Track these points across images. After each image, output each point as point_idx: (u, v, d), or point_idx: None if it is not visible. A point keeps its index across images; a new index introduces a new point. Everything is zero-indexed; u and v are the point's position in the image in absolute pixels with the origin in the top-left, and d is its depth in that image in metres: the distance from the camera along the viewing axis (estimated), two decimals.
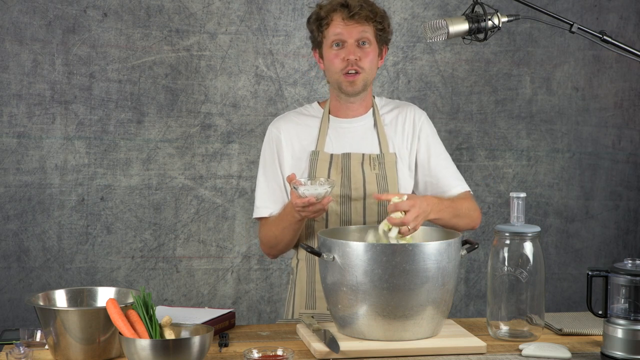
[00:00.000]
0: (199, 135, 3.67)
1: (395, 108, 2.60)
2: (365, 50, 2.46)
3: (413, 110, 2.60)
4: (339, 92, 2.52)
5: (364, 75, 2.48)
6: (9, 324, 3.56)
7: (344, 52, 2.46)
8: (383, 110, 2.59)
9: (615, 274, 2.03)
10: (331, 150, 2.53)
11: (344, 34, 2.45)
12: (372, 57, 2.48)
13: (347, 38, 2.45)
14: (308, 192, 2.25)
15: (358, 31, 2.45)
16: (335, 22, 2.46)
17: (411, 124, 2.57)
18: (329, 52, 2.48)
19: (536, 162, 3.92)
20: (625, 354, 2.00)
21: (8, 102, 3.54)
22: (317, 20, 2.49)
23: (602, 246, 3.99)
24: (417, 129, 2.57)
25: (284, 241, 2.50)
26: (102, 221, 3.63)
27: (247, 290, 3.75)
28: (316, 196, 2.24)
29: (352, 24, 2.44)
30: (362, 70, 2.47)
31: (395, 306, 2.08)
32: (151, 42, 3.61)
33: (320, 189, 2.25)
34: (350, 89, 2.49)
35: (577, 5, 3.87)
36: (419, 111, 2.60)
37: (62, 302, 2.14)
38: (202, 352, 1.91)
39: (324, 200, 2.26)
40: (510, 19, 2.31)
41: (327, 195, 2.26)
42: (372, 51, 2.47)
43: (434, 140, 2.58)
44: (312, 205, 2.26)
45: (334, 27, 2.46)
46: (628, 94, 3.96)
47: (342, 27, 2.45)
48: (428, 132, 2.58)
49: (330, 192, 2.27)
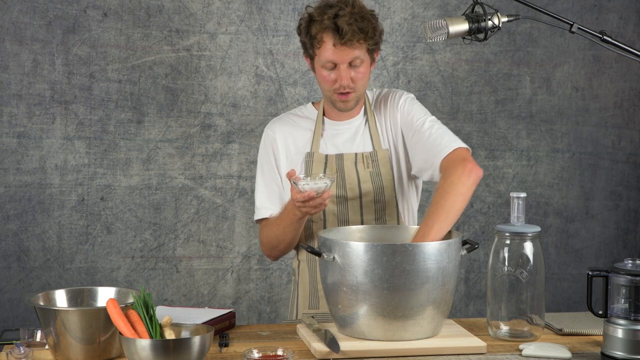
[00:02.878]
0: (199, 135, 3.67)
1: (378, 98, 2.58)
2: (357, 70, 2.42)
3: (392, 92, 2.57)
4: (332, 106, 2.52)
5: (357, 94, 2.47)
6: (9, 324, 3.56)
7: (335, 74, 2.42)
8: (373, 104, 2.58)
9: (616, 274, 2.03)
10: (325, 151, 2.53)
11: (336, 59, 2.40)
12: (365, 74, 2.45)
13: (339, 62, 2.41)
14: (308, 186, 2.24)
15: (350, 56, 2.40)
16: (326, 46, 2.40)
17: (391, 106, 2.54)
18: (321, 71, 2.45)
19: (536, 162, 3.92)
20: (625, 354, 2.00)
21: (8, 102, 3.54)
22: (308, 36, 2.43)
23: (602, 246, 3.99)
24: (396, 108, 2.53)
25: (285, 241, 2.50)
26: (102, 221, 3.63)
27: (247, 290, 3.76)
28: (316, 190, 2.24)
29: (344, 48, 2.39)
30: (355, 90, 2.45)
31: (395, 306, 2.08)
32: (151, 42, 3.61)
33: (320, 183, 2.24)
34: (343, 107, 2.49)
35: (577, 5, 3.87)
36: (397, 92, 2.56)
37: (62, 302, 2.14)
38: (202, 352, 1.91)
39: (324, 194, 2.24)
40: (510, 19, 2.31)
41: (327, 189, 2.25)
42: (364, 68, 2.44)
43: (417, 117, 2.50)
44: (312, 199, 2.24)
45: (325, 50, 2.40)
46: (628, 94, 3.96)
47: (333, 52, 2.39)
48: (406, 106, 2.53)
49: (330, 185, 2.26)
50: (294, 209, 2.35)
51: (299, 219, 2.39)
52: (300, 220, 2.41)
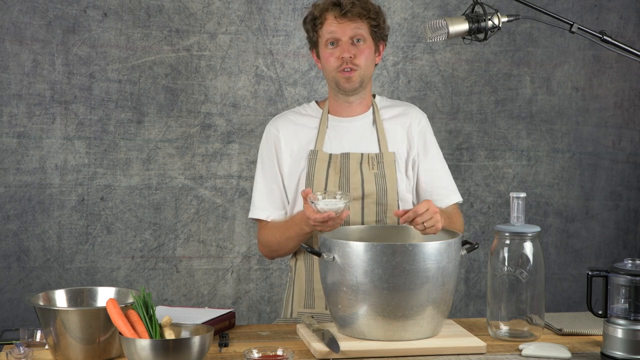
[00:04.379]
0: (199, 135, 3.67)
1: (396, 107, 2.60)
2: (359, 47, 2.46)
3: (414, 111, 2.60)
4: (337, 91, 2.52)
5: (360, 72, 2.48)
6: (9, 324, 3.56)
7: (338, 50, 2.46)
8: (383, 110, 2.58)
9: (615, 274, 2.03)
10: (330, 150, 2.53)
11: (338, 32, 2.45)
12: (368, 54, 2.48)
13: (341, 36, 2.45)
14: (328, 207, 2.21)
15: (351, 28, 2.45)
16: (328, 21, 2.46)
17: (411, 124, 2.57)
18: (324, 51, 2.49)
19: (536, 162, 3.92)
20: (625, 354, 2.00)
21: (8, 102, 3.54)
22: (311, 20, 2.50)
23: (602, 246, 3.99)
24: (417, 130, 2.57)
25: (287, 248, 2.51)
26: (102, 221, 3.63)
27: (247, 290, 3.76)
28: (335, 210, 2.22)
29: (345, 21, 2.45)
30: (358, 67, 2.47)
31: (395, 306, 2.08)
32: (151, 42, 3.61)
33: (340, 204, 2.21)
34: (348, 86, 2.49)
35: (577, 5, 3.87)
36: (420, 113, 2.61)
37: (62, 302, 2.14)
38: (202, 352, 1.91)
39: (343, 214, 2.23)
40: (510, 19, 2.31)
41: (346, 209, 2.24)
42: (367, 48, 2.47)
43: (432, 144, 2.59)
44: (331, 220, 2.23)
45: (328, 25, 2.46)
46: (628, 94, 3.96)
47: (335, 25, 2.45)
48: (427, 135, 2.59)
49: (349, 205, 2.25)
50: (303, 224, 2.34)
51: (306, 233, 2.39)
52: (307, 235, 2.41)
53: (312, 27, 2.51)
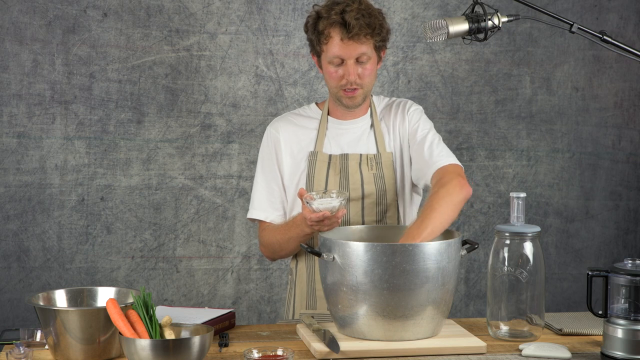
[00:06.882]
0: (199, 135, 3.67)
1: (387, 104, 2.59)
2: (364, 66, 2.43)
3: (403, 101, 2.59)
4: (338, 103, 2.52)
5: (364, 90, 2.47)
6: (9, 324, 3.56)
7: (342, 70, 2.43)
8: (379, 109, 2.59)
9: (615, 274, 2.03)
10: (329, 151, 2.53)
11: (343, 54, 2.41)
12: (372, 70, 2.46)
13: (347, 58, 2.41)
14: (322, 206, 2.22)
15: (357, 51, 2.41)
16: (333, 41, 2.41)
17: (400, 113, 2.55)
18: (328, 67, 2.46)
19: (536, 162, 3.92)
20: (625, 354, 2.00)
21: (8, 102, 3.54)
22: (315, 32, 2.45)
23: (602, 246, 3.99)
24: (405, 114, 2.54)
25: (288, 249, 2.51)
26: (102, 221, 3.63)
27: (247, 290, 3.76)
28: (330, 209, 2.22)
29: (351, 43, 2.40)
30: (362, 86, 2.45)
31: (395, 306, 2.08)
32: (151, 42, 3.61)
33: (334, 202, 2.22)
34: (350, 103, 2.49)
35: (577, 5, 3.87)
36: (408, 102, 2.58)
37: (62, 302, 2.14)
38: (202, 352, 1.91)
39: (338, 212, 2.23)
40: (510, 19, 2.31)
41: (342, 208, 2.24)
42: (371, 65, 2.45)
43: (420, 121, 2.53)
44: (327, 219, 2.23)
45: (332, 45, 2.41)
46: (628, 94, 3.96)
47: (340, 46, 2.40)
48: (414, 115, 2.54)
49: (344, 204, 2.25)
50: (303, 226, 2.34)
51: (307, 234, 2.39)
52: (309, 235, 2.41)
53: (315, 38, 2.45)
